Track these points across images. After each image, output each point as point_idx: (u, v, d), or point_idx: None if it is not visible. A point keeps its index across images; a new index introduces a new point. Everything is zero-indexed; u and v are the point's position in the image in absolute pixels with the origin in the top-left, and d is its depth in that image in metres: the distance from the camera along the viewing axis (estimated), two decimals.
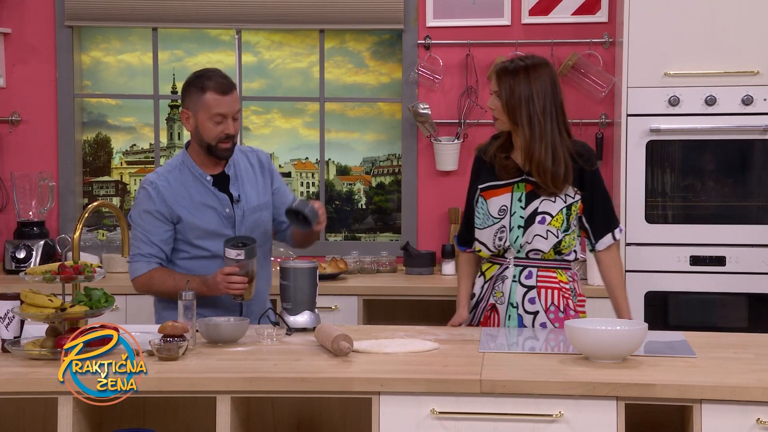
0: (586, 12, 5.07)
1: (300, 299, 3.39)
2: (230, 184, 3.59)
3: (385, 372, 2.80)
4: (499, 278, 3.46)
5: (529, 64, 3.42)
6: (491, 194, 3.47)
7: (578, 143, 3.49)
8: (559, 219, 3.40)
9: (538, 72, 3.41)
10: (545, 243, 3.40)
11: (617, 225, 3.52)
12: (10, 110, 5.32)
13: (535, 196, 3.42)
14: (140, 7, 5.24)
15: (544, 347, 3.20)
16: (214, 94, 3.45)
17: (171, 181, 3.54)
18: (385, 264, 5.03)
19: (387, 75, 5.37)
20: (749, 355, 3.02)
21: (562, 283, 3.44)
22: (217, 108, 3.45)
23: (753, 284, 4.49)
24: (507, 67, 3.43)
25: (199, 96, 3.46)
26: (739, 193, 4.60)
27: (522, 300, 3.43)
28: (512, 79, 3.40)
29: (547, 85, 3.40)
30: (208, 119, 3.46)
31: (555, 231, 3.40)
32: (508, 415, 2.69)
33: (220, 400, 2.74)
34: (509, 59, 3.49)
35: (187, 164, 3.56)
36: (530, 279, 3.43)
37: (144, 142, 5.50)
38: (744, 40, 4.45)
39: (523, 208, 3.42)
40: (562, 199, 3.42)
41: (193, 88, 3.49)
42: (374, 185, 5.44)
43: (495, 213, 3.45)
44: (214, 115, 3.45)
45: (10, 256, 5.02)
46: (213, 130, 3.46)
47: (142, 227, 3.53)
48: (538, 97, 3.38)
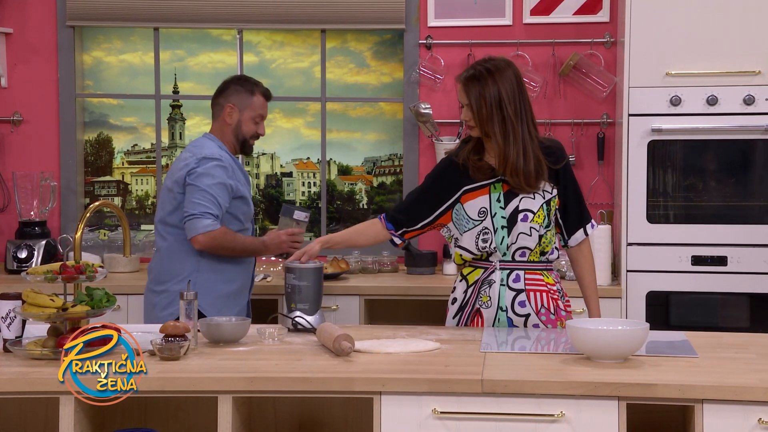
0: (587, 12, 5.07)
1: (315, 299, 3.42)
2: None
3: (387, 372, 2.80)
4: (485, 282, 3.43)
5: (493, 68, 3.37)
6: (467, 198, 3.43)
7: (547, 140, 3.48)
8: (540, 215, 3.39)
9: (504, 75, 3.36)
10: (530, 240, 3.39)
11: (589, 220, 3.51)
12: (11, 110, 5.32)
13: (514, 194, 3.39)
14: (142, 7, 5.24)
15: (545, 347, 3.19)
16: (262, 98, 4.05)
17: (229, 161, 3.96)
18: (386, 264, 5.03)
19: (388, 75, 5.37)
20: (751, 355, 3.02)
21: (549, 285, 3.43)
22: (261, 110, 4.05)
23: (754, 284, 4.49)
24: (473, 75, 3.37)
25: (250, 96, 4.02)
26: (740, 193, 4.59)
27: (512, 303, 3.40)
28: (480, 86, 3.35)
29: (514, 85, 3.36)
30: (250, 118, 4.03)
31: (538, 227, 3.39)
32: (510, 415, 2.69)
33: (221, 400, 2.74)
34: (471, 66, 3.44)
35: (226, 152, 4.00)
36: (518, 282, 3.41)
37: (145, 142, 5.51)
38: (746, 40, 4.45)
39: (503, 208, 3.39)
40: (541, 195, 3.40)
41: (243, 88, 4.03)
42: (376, 185, 5.44)
43: (474, 215, 3.41)
44: (257, 115, 4.04)
45: (11, 255, 5.02)
46: (252, 128, 4.04)
47: (216, 192, 3.85)
48: (508, 100, 3.34)
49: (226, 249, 3.88)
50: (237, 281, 3.98)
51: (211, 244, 3.83)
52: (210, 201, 3.82)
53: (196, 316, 3.15)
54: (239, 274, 3.99)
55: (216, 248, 3.85)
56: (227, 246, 3.87)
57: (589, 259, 3.52)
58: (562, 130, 5.10)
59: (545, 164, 3.38)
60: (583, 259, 3.51)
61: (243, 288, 4.04)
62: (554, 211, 3.44)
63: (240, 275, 4.00)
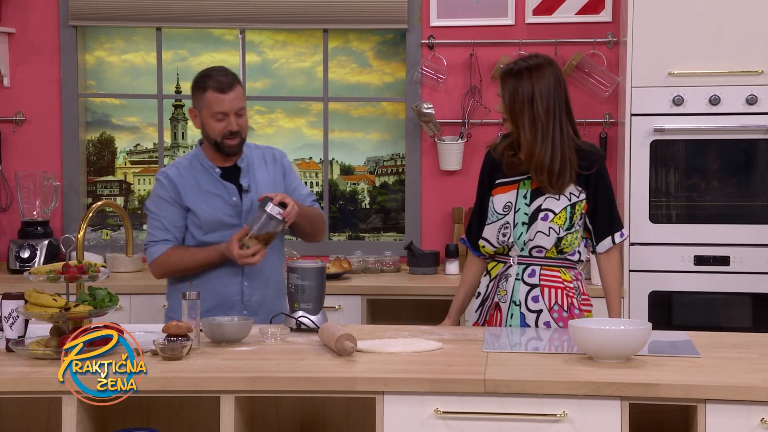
0: (590, 12, 5.06)
1: (318, 299, 3.42)
2: (241, 176, 3.67)
3: (389, 372, 2.80)
4: (503, 276, 3.47)
5: (532, 65, 3.42)
6: (498, 191, 3.49)
7: (585, 143, 3.51)
8: (561, 217, 3.40)
9: (542, 72, 3.41)
10: (547, 240, 3.41)
11: (619, 229, 3.51)
12: (14, 110, 5.32)
13: (540, 193, 3.43)
14: (144, 7, 5.24)
15: (547, 347, 3.19)
16: (213, 92, 3.55)
17: (182, 171, 3.66)
18: (388, 263, 5.03)
19: (391, 75, 5.37)
20: (753, 354, 3.01)
21: (566, 282, 3.44)
22: (217, 106, 3.55)
23: (757, 284, 4.49)
24: (511, 69, 3.44)
25: (202, 95, 3.57)
26: (743, 193, 4.59)
27: (525, 298, 3.43)
28: (515, 82, 3.41)
29: (551, 84, 3.40)
30: (210, 117, 3.56)
31: (557, 228, 3.40)
32: (512, 415, 2.69)
33: (223, 399, 2.74)
34: (513, 61, 3.49)
35: (198, 158, 3.67)
36: (533, 277, 3.43)
37: (148, 141, 5.51)
38: (748, 39, 4.45)
39: (528, 205, 3.43)
40: (567, 198, 3.42)
41: (196, 88, 3.61)
42: (378, 185, 5.44)
43: (500, 209, 3.46)
44: (215, 113, 3.55)
45: (14, 255, 5.03)
46: (216, 127, 3.57)
47: (156, 214, 3.62)
48: (540, 98, 3.38)
49: (180, 270, 3.59)
50: (208, 301, 3.51)
51: (160, 273, 3.63)
52: (153, 226, 3.61)
53: (199, 316, 3.15)
54: (207, 293, 3.51)
55: (170, 272, 3.62)
56: (174, 268, 3.59)
57: (615, 267, 3.51)
58: None
59: (575, 166, 3.40)
60: (609, 267, 3.51)
61: (221, 305, 3.60)
62: (579, 215, 3.45)
63: (209, 294, 3.55)
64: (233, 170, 3.67)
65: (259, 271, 3.63)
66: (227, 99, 3.55)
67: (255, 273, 3.62)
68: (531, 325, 3.42)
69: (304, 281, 3.40)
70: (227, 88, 3.55)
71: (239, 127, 3.59)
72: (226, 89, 3.55)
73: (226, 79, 3.57)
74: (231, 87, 3.56)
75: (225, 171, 3.66)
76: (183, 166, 3.68)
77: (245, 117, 3.63)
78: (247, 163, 3.69)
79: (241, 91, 3.60)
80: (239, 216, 3.62)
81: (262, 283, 3.66)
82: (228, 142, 3.58)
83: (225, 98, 3.55)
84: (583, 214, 3.46)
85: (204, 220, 3.61)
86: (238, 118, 3.58)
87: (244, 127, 3.63)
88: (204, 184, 3.63)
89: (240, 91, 3.60)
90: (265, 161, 3.73)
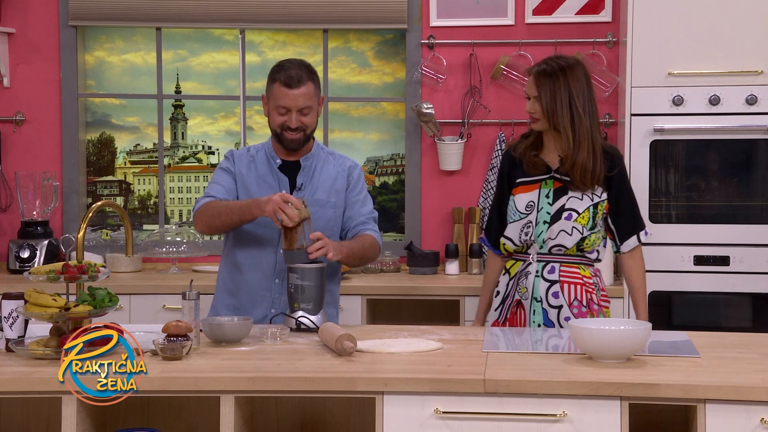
0: (589, 12, 5.07)
1: (318, 299, 3.42)
2: (299, 173, 3.63)
3: (389, 372, 2.80)
4: (523, 274, 3.51)
5: (565, 65, 3.46)
6: (519, 191, 3.53)
7: (607, 145, 3.55)
8: (585, 216, 3.45)
9: (575, 73, 3.45)
10: (569, 239, 3.45)
11: (643, 227, 3.58)
12: (14, 110, 5.32)
13: (563, 192, 3.47)
14: (144, 7, 5.24)
15: (547, 347, 3.19)
16: (280, 86, 3.52)
17: (247, 154, 3.67)
18: (388, 264, 5.03)
19: (390, 75, 5.37)
20: (753, 354, 3.01)
21: (585, 278, 3.49)
22: (281, 100, 3.52)
23: (757, 284, 4.49)
24: (545, 70, 3.46)
25: (271, 85, 3.56)
26: (743, 193, 4.59)
27: (546, 294, 3.47)
28: (552, 83, 3.44)
29: (584, 84, 3.46)
30: (274, 108, 3.56)
31: (580, 228, 3.45)
32: (512, 415, 2.69)
33: (223, 399, 2.74)
34: (543, 62, 3.51)
35: (266, 146, 3.68)
36: (553, 274, 3.47)
37: (148, 141, 5.51)
38: (748, 39, 4.45)
39: (551, 204, 3.47)
40: (589, 197, 3.47)
41: (270, 77, 3.59)
42: (378, 185, 5.44)
43: (522, 209, 3.50)
44: (278, 106, 3.53)
45: (14, 255, 5.03)
46: (277, 119, 3.56)
47: (214, 179, 3.64)
48: (578, 98, 3.43)
49: (214, 216, 3.49)
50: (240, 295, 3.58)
51: (200, 221, 3.53)
52: (208, 188, 3.63)
53: (199, 316, 3.15)
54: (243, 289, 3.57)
55: (207, 221, 3.51)
56: (213, 212, 3.49)
57: (640, 266, 3.59)
58: None
59: (605, 166, 3.45)
60: (635, 265, 3.58)
61: (252, 303, 3.59)
62: (601, 215, 3.49)
63: (247, 293, 3.58)
64: (294, 165, 3.63)
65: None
66: (292, 95, 3.50)
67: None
68: (554, 321, 3.46)
69: (304, 281, 3.40)
70: (295, 84, 3.50)
71: (301, 124, 3.54)
72: (294, 85, 3.50)
73: (296, 74, 3.51)
74: (299, 83, 3.51)
75: (285, 164, 3.63)
76: (251, 151, 3.69)
77: (312, 116, 3.56)
78: (311, 163, 3.63)
79: (311, 87, 3.53)
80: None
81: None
82: (287, 135, 3.55)
83: (290, 93, 3.50)
84: (604, 214, 3.50)
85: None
86: (302, 116, 3.53)
87: (309, 125, 3.56)
88: (261, 171, 3.62)
89: (310, 88, 3.53)
90: (335, 168, 3.66)
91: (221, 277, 3.69)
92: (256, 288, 3.59)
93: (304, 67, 3.55)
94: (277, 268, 3.57)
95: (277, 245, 3.56)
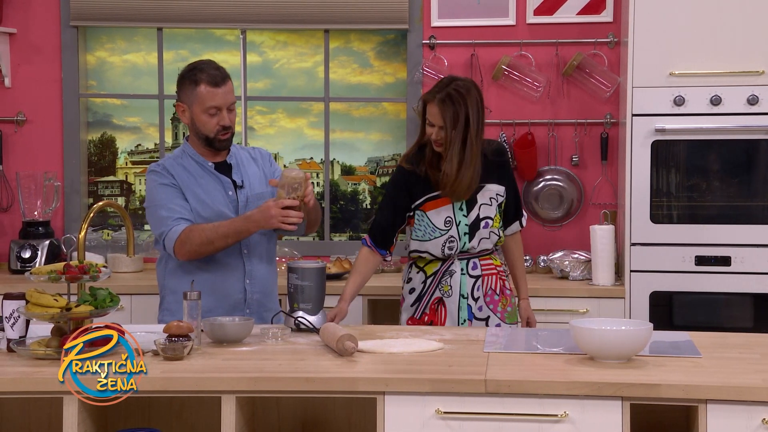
0: (591, 12, 5.06)
1: (318, 299, 3.42)
2: (233, 172, 3.61)
3: (390, 372, 2.80)
4: (446, 273, 3.61)
5: (462, 90, 3.50)
6: (431, 206, 3.60)
7: (494, 142, 3.71)
8: (497, 219, 3.65)
9: (471, 96, 3.51)
10: (489, 242, 3.65)
11: (523, 213, 3.81)
12: (15, 110, 5.32)
13: (473, 202, 3.60)
14: (145, 7, 5.24)
15: (548, 347, 3.19)
16: (207, 86, 3.46)
17: (175, 167, 3.56)
18: (389, 264, 5.02)
19: (392, 75, 5.37)
20: (755, 355, 3.01)
21: (497, 267, 3.70)
22: (210, 101, 3.46)
23: (758, 284, 4.48)
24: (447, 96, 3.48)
25: (193, 89, 3.47)
26: (744, 193, 4.59)
27: (471, 290, 3.61)
28: (454, 109, 3.48)
29: (480, 108, 3.52)
30: (202, 112, 3.47)
31: (496, 231, 3.66)
32: (513, 415, 2.69)
33: (224, 399, 2.74)
34: (437, 87, 3.54)
35: (188, 153, 3.59)
36: (476, 269, 3.63)
37: (149, 141, 5.51)
38: (749, 39, 4.45)
39: (466, 216, 3.60)
40: (495, 200, 3.63)
41: (186, 81, 3.50)
42: (379, 185, 5.44)
43: (441, 225, 3.60)
44: (208, 107, 3.47)
45: (15, 255, 5.03)
46: (209, 122, 3.49)
47: (161, 200, 3.49)
48: (473, 123, 3.50)
49: (203, 243, 3.42)
50: (208, 297, 3.44)
51: (184, 251, 3.44)
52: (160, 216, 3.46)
53: (200, 316, 3.15)
54: (209, 293, 3.47)
55: (193, 249, 3.43)
56: (200, 241, 3.41)
57: (520, 245, 3.85)
58: (566, 130, 5.10)
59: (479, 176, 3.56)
60: (516, 246, 3.82)
61: (219, 304, 3.53)
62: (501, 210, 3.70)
63: (212, 292, 3.50)
64: (224, 166, 3.61)
65: (258, 270, 3.60)
66: (220, 92, 3.46)
67: (255, 272, 3.60)
68: (475, 314, 3.61)
69: (304, 281, 3.40)
70: (221, 82, 3.47)
71: (231, 122, 3.52)
72: (220, 83, 3.47)
73: (218, 72, 3.49)
74: (224, 80, 3.49)
75: (216, 166, 3.59)
76: (176, 162, 3.58)
77: (235, 112, 3.57)
78: (237, 160, 3.63)
79: (232, 85, 3.54)
80: (236, 212, 3.56)
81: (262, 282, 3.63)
82: (221, 137, 3.51)
83: (218, 92, 3.46)
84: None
85: (205, 214, 3.51)
86: (230, 113, 3.52)
87: (234, 122, 3.57)
88: (200, 178, 3.55)
89: (231, 86, 3.53)
90: (253, 159, 3.69)
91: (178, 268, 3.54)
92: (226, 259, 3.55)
93: (218, 66, 3.54)
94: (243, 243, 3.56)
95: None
